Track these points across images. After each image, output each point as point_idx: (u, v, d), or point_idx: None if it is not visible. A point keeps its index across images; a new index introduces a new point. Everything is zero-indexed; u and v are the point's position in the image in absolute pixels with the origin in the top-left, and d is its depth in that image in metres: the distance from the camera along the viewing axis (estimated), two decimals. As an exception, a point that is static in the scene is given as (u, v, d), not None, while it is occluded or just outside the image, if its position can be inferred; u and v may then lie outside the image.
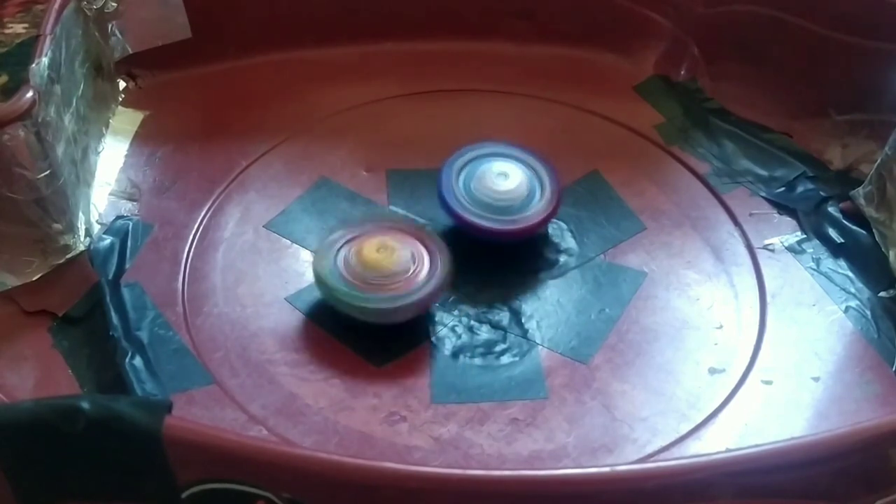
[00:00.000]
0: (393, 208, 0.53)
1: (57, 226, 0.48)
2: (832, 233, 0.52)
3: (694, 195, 0.55)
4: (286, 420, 0.43)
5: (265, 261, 0.51)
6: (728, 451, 0.38)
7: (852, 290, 0.49)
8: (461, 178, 0.50)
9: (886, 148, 0.50)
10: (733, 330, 0.48)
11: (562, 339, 0.47)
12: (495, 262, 0.50)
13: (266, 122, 0.58)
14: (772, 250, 0.51)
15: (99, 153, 0.55)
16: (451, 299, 0.49)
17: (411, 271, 0.46)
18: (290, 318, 0.48)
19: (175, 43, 0.59)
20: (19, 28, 0.65)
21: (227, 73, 0.61)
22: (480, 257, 0.50)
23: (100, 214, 0.52)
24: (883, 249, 0.50)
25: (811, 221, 0.52)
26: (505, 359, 0.46)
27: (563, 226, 0.53)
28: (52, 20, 0.50)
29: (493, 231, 0.49)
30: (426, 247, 0.47)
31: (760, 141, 0.57)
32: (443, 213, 0.52)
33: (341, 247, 0.47)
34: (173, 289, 0.49)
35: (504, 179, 0.50)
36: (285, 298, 0.49)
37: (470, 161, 0.51)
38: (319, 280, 0.47)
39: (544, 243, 0.52)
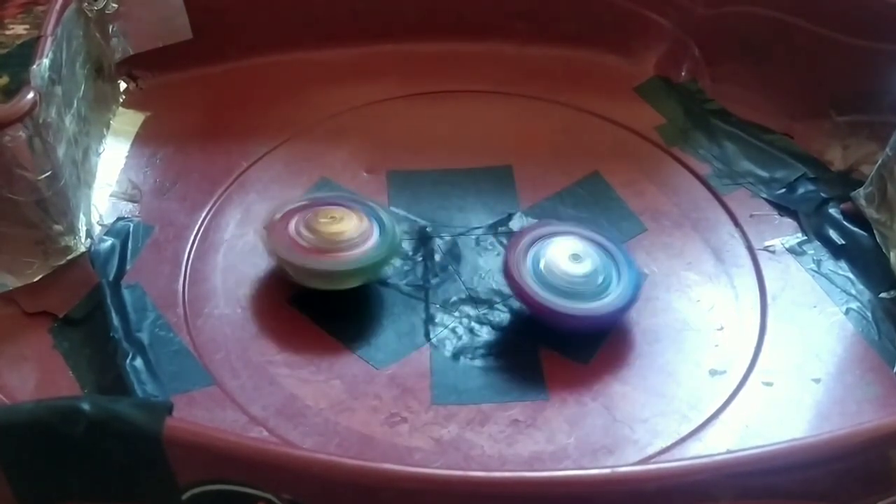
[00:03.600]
0: (394, 209, 0.53)
1: (58, 227, 0.48)
2: (833, 234, 0.52)
3: (694, 196, 0.55)
4: (287, 421, 0.43)
5: (266, 262, 0.51)
6: (729, 452, 0.38)
7: (853, 291, 0.49)
8: (529, 258, 0.47)
9: (887, 149, 0.50)
10: (734, 331, 0.48)
11: (562, 340, 0.47)
12: (495, 265, 0.50)
13: (267, 123, 0.58)
14: (772, 252, 0.51)
15: (100, 154, 0.55)
16: (451, 300, 0.49)
17: (361, 240, 0.47)
18: (291, 320, 0.48)
19: (176, 44, 0.59)
20: (20, 29, 0.65)
21: (228, 74, 0.61)
22: (480, 259, 0.50)
23: (101, 216, 0.52)
24: (884, 250, 0.50)
25: (812, 223, 0.52)
26: (505, 360, 0.46)
27: (564, 227, 0.53)
28: (52, 21, 0.50)
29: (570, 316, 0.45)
30: (374, 218, 0.49)
31: (761, 142, 0.57)
32: (443, 215, 0.52)
33: (293, 219, 0.48)
34: (174, 290, 0.49)
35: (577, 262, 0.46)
36: (286, 300, 0.49)
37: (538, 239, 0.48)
38: (273, 250, 0.48)
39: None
